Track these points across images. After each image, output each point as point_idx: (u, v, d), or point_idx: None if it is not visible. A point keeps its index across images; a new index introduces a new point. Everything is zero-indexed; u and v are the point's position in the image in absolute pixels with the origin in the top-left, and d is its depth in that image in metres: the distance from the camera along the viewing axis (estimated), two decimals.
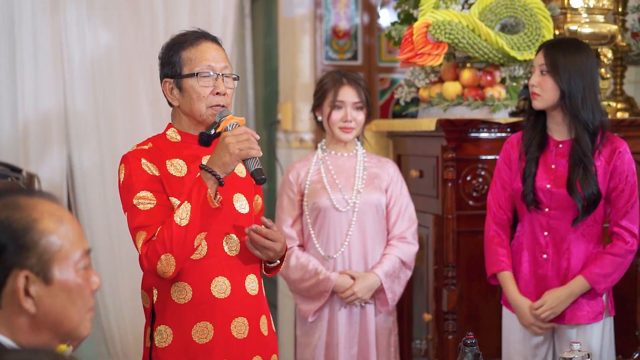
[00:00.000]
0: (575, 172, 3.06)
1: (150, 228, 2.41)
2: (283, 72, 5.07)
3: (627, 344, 3.72)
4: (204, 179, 2.36)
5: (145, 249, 2.40)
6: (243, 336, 2.54)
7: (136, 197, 2.46)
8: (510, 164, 3.22)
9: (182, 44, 2.54)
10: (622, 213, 3.11)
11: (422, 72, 3.93)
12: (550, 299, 3.10)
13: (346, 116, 3.39)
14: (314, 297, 3.38)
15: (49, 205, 1.60)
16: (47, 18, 4.51)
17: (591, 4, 3.80)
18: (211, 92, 2.51)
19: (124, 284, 4.65)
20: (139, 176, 2.48)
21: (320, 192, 3.41)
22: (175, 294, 2.50)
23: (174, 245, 2.37)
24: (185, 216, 2.36)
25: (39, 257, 1.55)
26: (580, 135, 3.07)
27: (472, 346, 2.51)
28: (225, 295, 2.51)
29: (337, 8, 4.90)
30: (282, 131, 5.03)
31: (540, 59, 3.12)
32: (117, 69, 4.65)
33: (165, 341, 2.50)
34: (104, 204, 4.65)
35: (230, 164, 2.36)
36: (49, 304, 1.57)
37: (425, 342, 3.83)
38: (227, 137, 2.35)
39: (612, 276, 3.12)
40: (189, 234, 2.37)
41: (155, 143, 2.57)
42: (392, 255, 3.41)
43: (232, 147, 2.34)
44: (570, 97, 3.06)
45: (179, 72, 2.53)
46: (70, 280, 1.59)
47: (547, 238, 3.14)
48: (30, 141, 4.52)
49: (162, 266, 2.39)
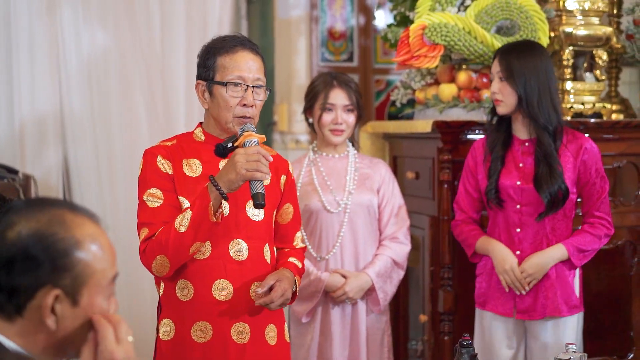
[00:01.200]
0: (540, 170, 3.12)
1: (152, 226, 2.46)
2: (279, 73, 5.07)
3: (622, 345, 3.73)
4: (209, 191, 2.39)
5: (144, 246, 2.46)
6: (244, 341, 2.55)
7: (147, 193, 2.50)
8: (476, 168, 3.28)
9: (219, 49, 2.55)
10: (597, 205, 3.18)
11: (418, 74, 3.94)
12: (528, 266, 3.13)
13: (337, 119, 3.40)
14: (306, 297, 3.39)
15: (92, 228, 1.62)
16: (43, 19, 4.51)
17: (586, 6, 3.82)
18: (239, 103, 2.52)
19: (121, 285, 4.64)
20: (152, 172, 2.51)
21: (311, 194, 3.42)
22: (179, 290, 2.53)
23: (169, 249, 2.41)
24: (185, 224, 2.39)
25: (73, 279, 1.56)
26: (541, 136, 3.14)
27: (468, 347, 2.52)
28: (227, 298, 2.53)
29: (333, 10, 4.91)
30: (278, 132, 5.04)
31: (497, 66, 3.17)
32: (113, 70, 4.65)
33: (168, 334, 2.55)
34: (101, 205, 4.65)
35: (235, 182, 2.37)
36: (70, 325, 1.58)
37: (421, 343, 3.83)
38: (238, 155, 2.37)
39: (587, 253, 3.18)
40: (184, 241, 2.40)
41: (179, 140, 2.60)
42: (383, 255, 3.42)
43: (239, 166, 2.35)
44: (527, 100, 3.11)
45: (212, 77, 2.54)
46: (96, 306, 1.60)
47: (520, 234, 3.18)
48: (27, 142, 4.51)
49: (156, 265, 2.45)
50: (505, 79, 3.14)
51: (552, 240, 3.16)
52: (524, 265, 3.14)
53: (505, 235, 3.21)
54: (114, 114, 4.65)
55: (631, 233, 3.72)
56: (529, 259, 3.14)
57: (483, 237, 3.26)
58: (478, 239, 3.26)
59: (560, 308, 3.15)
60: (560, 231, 3.17)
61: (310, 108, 3.47)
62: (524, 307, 3.18)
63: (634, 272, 3.73)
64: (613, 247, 3.66)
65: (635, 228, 3.73)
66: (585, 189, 3.18)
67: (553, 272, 3.15)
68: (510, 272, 3.14)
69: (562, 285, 3.16)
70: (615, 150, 3.68)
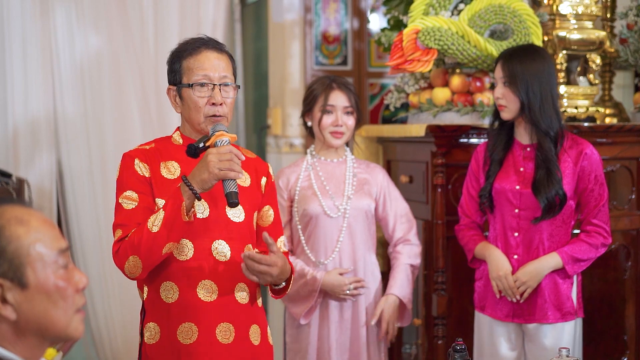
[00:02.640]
0: (539, 174, 3.11)
1: (126, 227, 2.46)
2: (273, 77, 5.07)
3: (616, 349, 3.74)
4: (181, 191, 2.38)
5: (117, 247, 2.46)
6: (228, 342, 2.55)
7: (122, 195, 2.51)
8: (479, 171, 3.28)
9: (183, 52, 2.57)
10: (595, 212, 3.16)
11: (411, 78, 3.94)
12: (522, 274, 3.13)
13: (337, 120, 3.39)
14: (303, 298, 3.38)
15: (15, 211, 1.60)
16: (37, 22, 4.51)
17: (580, 10, 3.82)
18: (207, 102, 2.53)
19: (113, 286, 4.64)
20: (129, 175, 2.52)
21: (310, 199, 3.41)
22: (164, 292, 2.53)
23: (141, 249, 2.41)
24: (157, 224, 2.39)
25: (9, 262, 1.55)
26: (542, 141, 3.13)
27: (462, 351, 2.52)
28: (212, 299, 2.53)
29: (326, 13, 4.90)
30: (271, 136, 5.04)
31: (500, 71, 3.17)
32: (107, 73, 4.64)
33: (153, 338, 2.55)
34: (94, 208, 4.65)
35: (208, 181, 2.37)
36: (29, 308, 1.56)
37: (415, 347, 3.83)
38: (210, 155, 2.37)
39: (583, 263, 3.17)
40: (157, 241, 2.39)
41: (157, 144, 2.61)
42: (400, 265, 3.42)
43: (212, 166, 2.35)
44: (529, 106, 3.11)
45: (179, 80, 2.57)
46: (48, 281, 1.58)
47: (517, 239, 3.18)
48: (20, 146, 4.51)
49: (129, 266, 2.44)
50: (508, 85, 3.13)
51: (549, 247, 3.15)
52: (518, 273, 3.13)
53: (503, 239, 3.20)
54: (107, 117, 4.64)
55: (625, 237, 3.73)
56: (523, 268, 3.14)
57: (482, 243, 3.26)
58: (477, 244, 3.26)
59: (548, 315, 3.15)
60: (558, 237, 3.16)
61: (309, 111, 3.46)
62: (520, 312, 3.18)
63: (628, 276, 3.73)
64: (607, 251, 3.66)
65: (628, 232, 3.74)
66: (583, 195, 3.17)
67: (544, 279, 3.14)
68: (504, 279, 3.14)
69: (554, 292, 3.15)
70: (609, 154, 3.68)
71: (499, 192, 3.19)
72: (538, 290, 3.15)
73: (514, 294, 3.14)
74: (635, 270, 3.74)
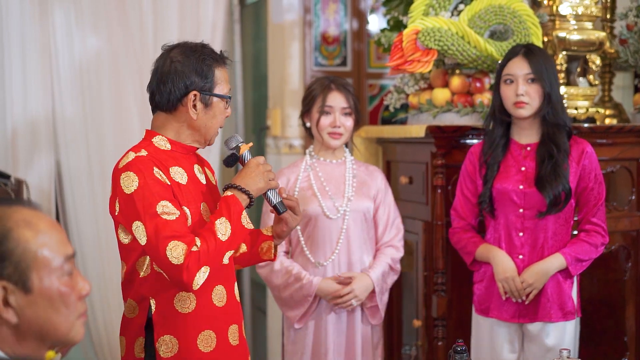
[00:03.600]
0: (543, 169, 3.11)
1: (186, 238, 2.35)
2: (272, 77, 5.06)
3: (615, 350, 3.73)
4: (239, 199, 2.45)
5: (188, 260, 2.32)
6: (236, 343, 2.56)
7: (159, 205, 2.37)
8: (475, 172, 3.27)
9: (216, 61, 2.52)
10: (594, 211, 3.17)
11: (411, 79, 3.94)
12: (528, 276, 3.12)
13: (335, 121, 3.39)
14: (297, 302, 3.37)
15: (25, 213, 1.58)
16: (36, 23, 4.50)
17: (580, 11, 3.82)
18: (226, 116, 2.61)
19: (112, 289, 4.64)
20: (155, 185, 2.39)
21: (310, 199, 3.41)
22: (179, 303, 2.46)
23: (213, 259, 2.38)
24: (226, 232, 2.39)
25: (15, 266, 1.53)
26: (557, 136, 3.14)
27: (462, 353, 2.52)
28: (223, 303, 2.52)
29: (326, 14, 4.90)
30: (271, 137, 5.03)
31: (525, 68, 3.14)
32: (106, 74, 4.63)
33: (171, 351, 2.46)
34: (93, 210, 4.64)
35: (263, 190, 2.53)
36: (31, 313, 1.55)
37: (415, 349, 3.83)
38: (261, 166, 2.53)
39: (584, 263, 3.18)
40: (223, 250, 2.40)
41: (149, 151, 2.48)
42: (381, 260, 3.41)
43: (265, 176, 2.52)
44: (553, 102, 3.12)
45: (210, 88, 2.51)
46: (52, 287, 1.56)
47: (522, 239, 3.17)
48: (19, 147, 4.50)
49: (199, 278, 2.35)
50: (534, 81, 3.13)
51: (553, 246, 3.15)
52: (524, 275, 3.13)
53: (507, 239, 3.19)
54: (106, 119, 4.63)
55: (625, 238, 3.72)
56: (529, 269, 3.14)
57: (484, 245, 3.24)
58: (478, 246, 3.24)
59: (551, 314, 3.15)
60: (562, 236, 3.17)
61: (307, 111, 3.45)
62: (525, 312, 3.17)
63: (628, 277, 3.72)
64: (607, 252, 3.66)
65: (628, 233, 3.73)
66: (583, 194, 3.17)
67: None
68: (511, 281, 3.14)
69: (556, 292, 3.16)
70: (609, 155, 3.68)
71: (501, 193, 3.17)
72: (542, 290, 3.15)
73: (520, 295, 3.13)
74: (636, 272, 3.73)
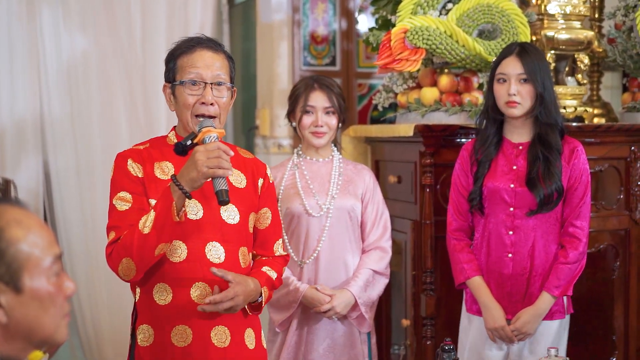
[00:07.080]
0: (534, 168, 3.10)
1: (119, 229, 2.43)
2: (261, 77, 5.06)
3: (604, 349, 3.73)
4: (171, 191, 2.34)
5: (110, 249, 2.42)
6: (224, 345, 2.52)
7: (116, 196, 2.48)
8: (468, 169, 3.25)
9: (178, 50, 2.55)
10: (577, 212, 3.13)
11: (400, 78, 3.94)
12: (520, 323, 3.12)
13: (317, 121, 3.38)
14: (282, 306, 3.35)
15: (16, 213, 1.57)
16: (23, 23, 4.49)
17: (568, 10, 3.82)
18: (197, 101, 2.50)
19: (100, 289, 4.63)
20: (122, 176, 2.49)
21: (293, 197, 3.40)
22: (157, 294, 2.49)
23: (134, 251, 2.37)
24: (148, 225, 2.34)
25: (7, 266, 1.53)
26: (550, 135, 3.12)
27: (450, 352, 2.51)
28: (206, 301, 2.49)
29: (315, 14, 4.90)
30: (260, 137, 5.03)
31: (518, 68, 3.12)
32: (93, 74, 4.62)
33: (147, 340, 2.51)
34: (80, 209, 4.63)
35: (197, 180, 2.32)
36: (21, 313, 1.55)
37: (404, 348, 3.82)
38: (198, 153, 2.31)
39: (572, 281, 3.15)
40: (148, 243, 2.35)
41: (152, 144, 2.58)
42: (364, 268, 3.38)
43: (200, 164, 2.29)
44: (545, 101, 3.11)
45: (173, 78, 2.54)
46: (42, 288, 1.56)
47: (512, 237, 3.16)
48: (6, 147, 4.49)
49: (122, 269, 2.41)
50: (527, 81, 3.10)
51: (543, 245, 3.13)
52: (517, 324, 3.11)
53: (496, 238, 3.18)
54: (94, 119, 4.63)
55: (613, 237, 3.73)
56: (521, 317, 3.12)
57: (476, 280, 3.19)
58: (471, 277, 3.20)
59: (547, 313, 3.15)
60: (553, 236, 3.15)
61: (292, 111, 3.46)
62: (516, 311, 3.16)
63: (616, 276, 3.73)
64: (595, 251, 3.66)
65: (617, 232, 3.74)
66: (569, 193, 3.15)
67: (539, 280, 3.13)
68: (501, 330, 3.14)
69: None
70: (597, 154, 3.68)
71: (492, 191, 3.16)
72: (531, 288, 3.14)
73: (511, 341, 3.14)
74: (624, 270, 3.74)
